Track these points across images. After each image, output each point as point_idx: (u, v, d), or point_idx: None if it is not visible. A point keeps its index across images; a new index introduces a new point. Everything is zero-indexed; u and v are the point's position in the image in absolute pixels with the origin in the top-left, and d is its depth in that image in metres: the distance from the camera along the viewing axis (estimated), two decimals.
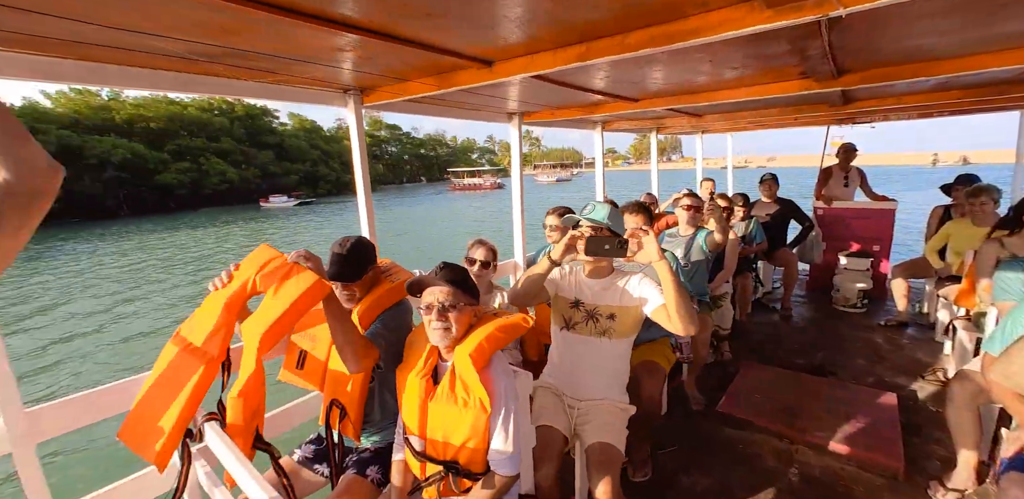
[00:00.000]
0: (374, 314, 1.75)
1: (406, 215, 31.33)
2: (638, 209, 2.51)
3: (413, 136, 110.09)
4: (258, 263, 1.41)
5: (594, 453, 1.66)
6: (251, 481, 1.14)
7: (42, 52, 1.41)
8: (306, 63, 1.69)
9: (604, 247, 1.63)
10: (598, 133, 4.44)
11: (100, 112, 46.44)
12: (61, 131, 39.48)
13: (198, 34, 1.32)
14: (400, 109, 2.61)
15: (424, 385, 1.44)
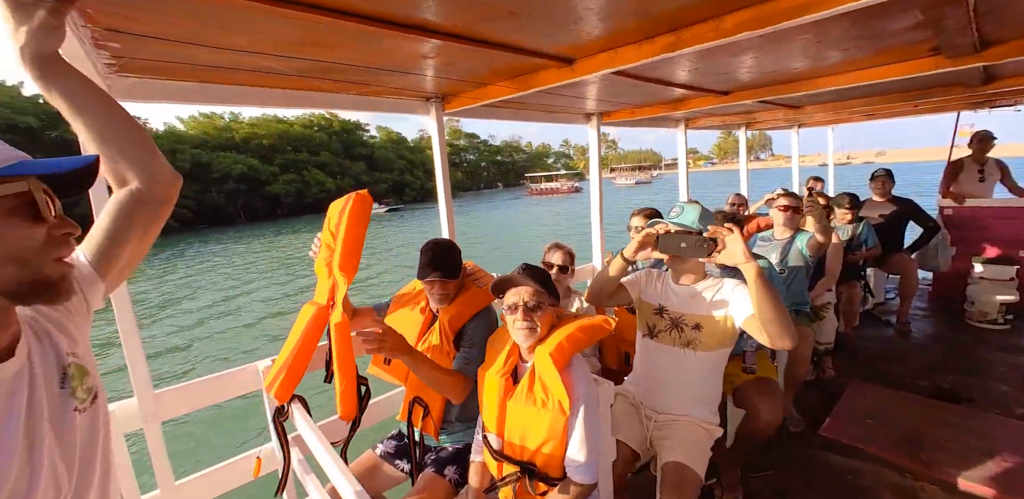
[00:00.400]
0: (462, 319, 1.78)
1: (484, 220, 32.13)
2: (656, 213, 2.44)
3: (490, 143, 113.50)
4: (330, 223, 1.66)
5: (669, 473, 1.56)
6: (335, 468, 1.20)
7: (168, 77, 1.60)
8: (393, 73, 1.77)
9: (680, 245, 1.53)
10: (681, 131, 4.22)
11: (223, 132, 54.49)
12: (193, 150, 46.68)
13: (300, 51, 1.42)
14: (479, 114, 2.65)
15: (503, 384, 1.43)
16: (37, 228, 0.63)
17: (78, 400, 0.75)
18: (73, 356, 0.76)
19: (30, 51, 0.73)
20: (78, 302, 0.81)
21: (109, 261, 0.84)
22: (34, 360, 0.70)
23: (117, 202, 0.84)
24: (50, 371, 0.72)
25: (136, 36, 1.19)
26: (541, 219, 30.00)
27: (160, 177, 0.86)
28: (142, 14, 1.08)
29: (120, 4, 1.02)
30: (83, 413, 0.75)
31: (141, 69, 1.47)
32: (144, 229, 0.88)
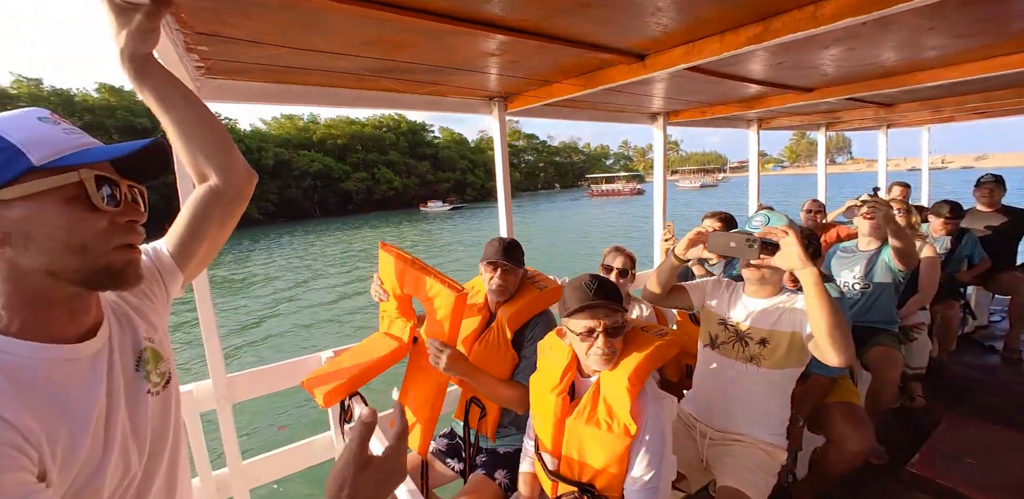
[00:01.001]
0: (521, 320, 1.76)
1: (544, 220, 32.28)
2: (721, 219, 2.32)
3: (549, 144, 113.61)
4: (392, 272, 1.64)
5: (725, 498, 1.45)
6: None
7: (249, 79, 1.68)
8: (459, 71, 1.76)
9: (730, 244, 1.42)
10: (752, 132, 3.97)
11: (302, 132, 59.16)
12: (277, 148, 51.01)
13: (372, 51, 1.45)
14: (540, 114, 2.61)
15: (560, 403, 1.36)
16: (98, 216, 0.64)
17: (151, 383, 0.78)
18: (149, 341, 0.80)
19: (128, 53, 0.77)
20: (159, 290, 0.85)
21: (188, 253, 0.88)
22: (114, 342, 0.74)
23: (197, 197, 0.88)
24: (127, 354, 0.76)
25: (224, 39, 1.25)
26: (602, 220, 29.56)
27: (236, 174, 0.89)
28: (230, 18, 1.13)
29: (211, 9, 1.07)
30: (155, 396, 0.79)
31: (226, 71, 1.55)
32: (220, 224, 0.91)
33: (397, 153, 65.35)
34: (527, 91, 2.23)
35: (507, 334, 1.74)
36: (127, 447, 0.71)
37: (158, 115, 0.83)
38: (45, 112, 0.68)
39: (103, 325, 0.73)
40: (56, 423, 0.62)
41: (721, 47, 1.40)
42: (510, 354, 1.72)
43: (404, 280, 1.61)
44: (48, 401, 0.63)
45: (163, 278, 0.87)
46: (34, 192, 0.60)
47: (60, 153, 0.61)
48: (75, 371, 0.67)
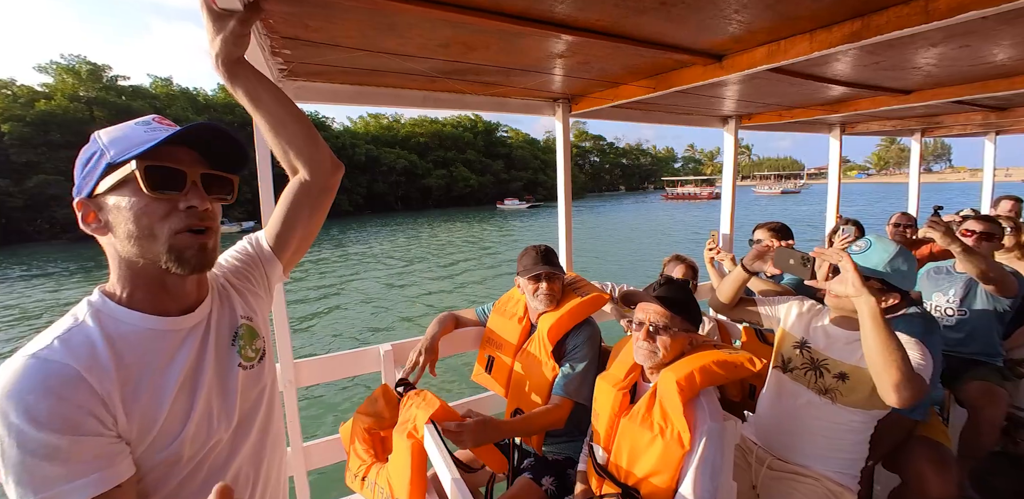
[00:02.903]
0: (562, 330, 1.73)
1: (613, 222, 32.06)
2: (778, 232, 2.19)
3: (616, 146, 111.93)
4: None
5: None
6: (438, 456, 1.23)
7: (326, 80, 1.76)
8: (526, 73, 1.75)
9: (789, 261, 1.43)
10: (834, 137, 3.68)
11: (387, 131, 63.96)
12: (367, 145, 55.17)
13: (442, 53, 1.47)
14: (604, 116, 2.56)
15: (620, 399, 1.35)
16: (158, 203, 0.69)
17: (243, 357, 0.85)
18: (247, 319, 0.88)
19: (222, 56, 0.83)
20: (259, 275, 0.95)
21: (282, 242, 0.97)
22: (213, 318, 0.82)
23: (289, 189, 0.95)
24: (224, 329, 0.83)
25: (306, 43, 1.31)
26: (674, 225, 28.82)
27: (323, 166, 0.94)
28: (314, 22, 1.18)
29: (297, 15, 1.13)
30: (247, 370, 0.85)
31: (307, 73, 1.64)
32: (310, 214, 0.97)
33: (474, 152, 68.61)
34: (593, 93, 2.18)
35: (548, 346, 1.72)
36: (211, 414, 0.77)
37: (250, 112, 0.89)
38: (151, 117, 0.75)
39: (205, 302, 0.81)
40: (139, 389, 0.68)
41: (811, 46, 1.29)
42: (551, 365, 1.70)
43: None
44: (138, 368, 0.69)
45: (263, 265, 0.96)
46: (111, 184, 0.68)
47: (130, 149, 0.68)
48: (170, 341, 0.74)
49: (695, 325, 1.36)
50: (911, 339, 1.32)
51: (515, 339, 1.83)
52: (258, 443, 0.88)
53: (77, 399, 0.61)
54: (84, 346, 0.65)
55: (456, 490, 1.15)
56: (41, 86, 36.47)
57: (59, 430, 0.59)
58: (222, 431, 0.78)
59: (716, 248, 2.46)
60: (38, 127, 31.96)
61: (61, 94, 35.10)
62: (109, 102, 36.31)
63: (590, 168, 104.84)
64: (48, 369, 0.61)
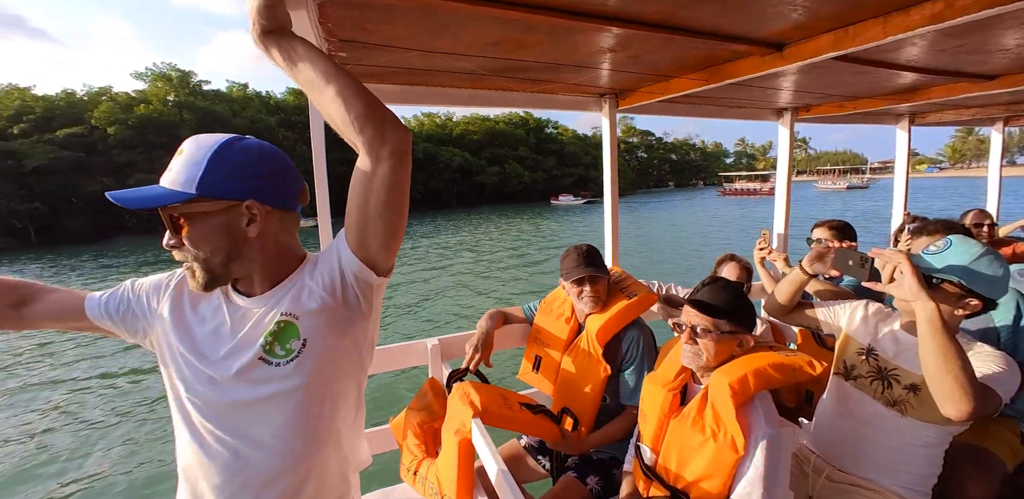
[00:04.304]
0: (610, 331, 1.71)
1: (662, 219, 31.40)
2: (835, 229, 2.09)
3: (665, 141, 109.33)
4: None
5: None
6: (485, 448, 1.25)
7: (379, 81, 1.81)
8: (574, 68, 1.74)
9: (848, 262, 1.35)
10: (902, 129, 3.44)
11: (442, 129, 66.03)
12: (424, 143, 57.74)
13: (491, 51, 1.48)
14: (652, 111, 2.50)
15: (670, 400, 1.32)
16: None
17: (267, 352, 0.86)
18: (289, 316, 0.87)
19: (256, 29, 0.80)
20: (330, 275, 0.88)
21: (357, 236, 0.86)
22: (268, 306, 0.89)
23: (353, 173, 0.84)
24: (264, 319, 0.88)
25: (362, 44, 1.35)
26: (733, 223, 27.35)
27: (376, 137, 0.79)
28: (370, 25, 1.21)
29: (355, 18, 1.16)
30: (271, 366, 0.86)
31: (361, 75, 1.69)
32: (378, 198, 0.83)
33: (526, 149, 69.68)
34: (642, 87, 2.14)
35: (597, 347, 1.70)
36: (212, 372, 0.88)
37: (297, 82, 0.83)
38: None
39: (271, 291, 0.90)
40: (175, 326, 0.90)
41: (884, 31, 1.21)
42: (601, 366, 1.68)
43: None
44: (189, 314, 0.92)
45: (338, 261, 0.88)
46: None
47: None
48: (230, 309, 0.91)
49: (746, 327, 1.31)
50: (995, 350, 1.22)
51: (563, 339, 1.82)
52: (285, 440, 0.88)
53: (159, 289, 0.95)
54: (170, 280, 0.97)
55: (503, 482, 1.17)
56: (135, 92, 40.99)
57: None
58: (207, 389, 0.88)
59: (767, 248, 2.36)
60: (137, 130, 36.19)
61: (156, 99, 39.49)
62: (195, 106, 40.15)
63: (638, 164, 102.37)
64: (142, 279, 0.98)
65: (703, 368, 1.29)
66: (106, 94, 39.77)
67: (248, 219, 0.84)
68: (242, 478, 0.88)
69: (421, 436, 1.66)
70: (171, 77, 42.46)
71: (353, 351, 0.93)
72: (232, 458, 0.87)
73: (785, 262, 2.18)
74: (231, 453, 0.87)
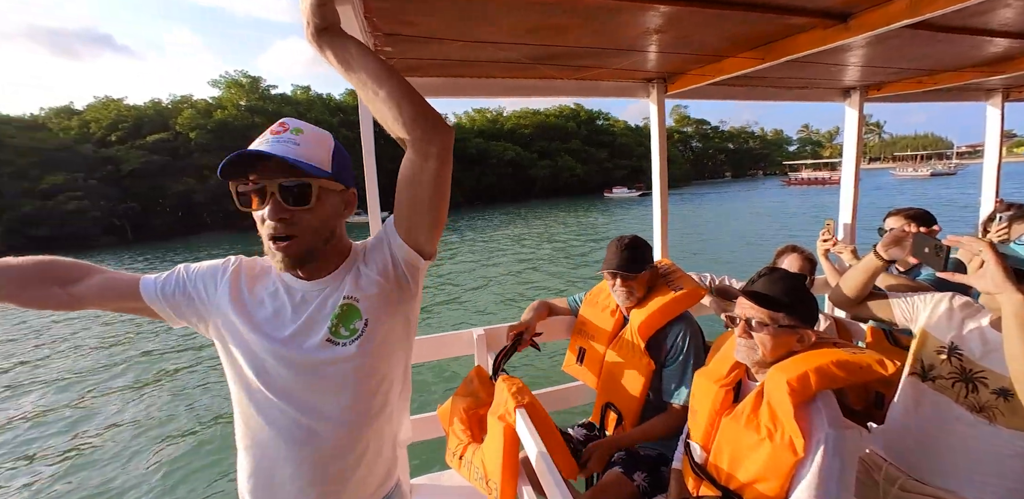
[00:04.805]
0: (654, 325, 1.66)
1: (718, 211, 30.11)
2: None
3: (721, 130, 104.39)
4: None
5: None
6: (530, 439, 1.25)
7: (422, 75, 1.84)
8: (618, 52, 1.69)
9: (924, 249, 1.27)
10: (993, 106, 3.09)
11: (493, 124, 66.88)
12: (476, 139, 58.53)
13: (531, 37, 1.46)
14: (703, 95, 2.38)
15: (722, 396, 1.26)
16: (256, 214, 0.89)
17: (332, 333, 0.93)
18: (351, 299, 0.95)
19: (309, 28, 0.84)
20: (383, 260, 0.98)
21: (404, 223, 0.95)
22: (329, 289, 0.95)
23: (401, 165, 0.90)
24: (327, 301, 0.94)
25: (405, 38, 1.38)
26: (799, 214, 25.38)
27: (422, 134, 0.86)
28: (411, 17, 1.24)
29: (397, 10, 1.19)
30: (336, 345, 0.93)
31: (405, 69, 1.73)
32: (424, 188, 0.90)
33: (578, 141, 68.98)
34: (691, 70, 2.04)
35: (640, 341, 1.65)
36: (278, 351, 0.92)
37: (348, 81, 0.87)
38: (279, 122, 0.89)
39: (331, 276, 0.96)
40: (237, 310, 0.94)
41: None
42: (645, 360, 1.64)
43: None
44: (248, 298, 0.95)
45: (389, 247, 0.97)
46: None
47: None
48: (289, 293, 0.96)
49: (807, 321, 1.22)
50: None
51: (607, 331, 1.79)
52: (342, 411, 0.95)
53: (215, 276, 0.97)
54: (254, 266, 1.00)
55: (548, 473, 1.16)
56: (211, 99, 45.80)
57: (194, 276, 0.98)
58: (276, 368, 0.93)
59: (832, 239, 2.20)
60: (215, 134, 39.96)
61: (231, 104, 43.80)
62: (265, 109, 43.85)
63: (692, 154, 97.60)
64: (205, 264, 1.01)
65: (758, 364, 1.22)
66: (187, 102, 44.44)
67: (346, 205, 0.96)
68: (310, 452, 0.94)
69: (467, 422, 1.69)
70: (243, 83, 46.74)
71: (403, 328, 1.02)
72: (301, 433, 0.93)
73: (852, 254, 2.02)
74: (300, 429, 0.93)
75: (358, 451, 0.99)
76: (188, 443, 5.22)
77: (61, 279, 0.93)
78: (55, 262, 0.94)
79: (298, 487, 0.95)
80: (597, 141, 71.97)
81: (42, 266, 0.92)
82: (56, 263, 0.94)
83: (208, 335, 0.98)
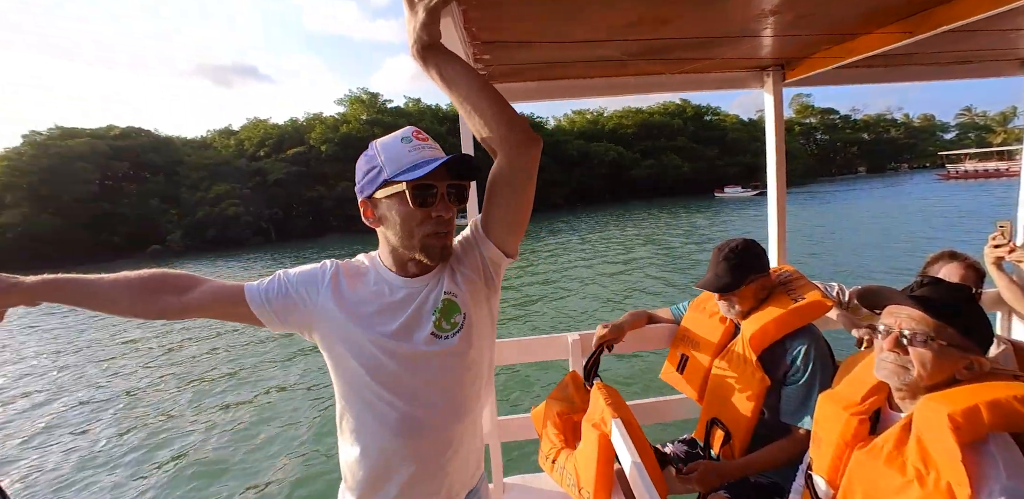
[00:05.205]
0: (768, 338, 1.50)
1: (849, 213, 26.88)
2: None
3: (854, 119, 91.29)
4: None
5: None
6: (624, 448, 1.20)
7: (516, 80, 1.86)
8: (728, 40, 1.56)
9: None
10: None
11: (593, 125, 67.45)
12: (576, 141, 59.69)
13: (630, 33, 1.40)
14: (830, 80, 2.08)
15: (855, 425, 1.10)
16: (418, 213, 0.94)
17: (436, 327, 1.00)
18: (450, 295, 1.02)
19: (416, 44, 0.89)
20: (474, 258, 1.07)
21: (491, 225, 1.04)
22: (428, 286, 1.03)
23: (491, 172, 0.99)
24: (431, 298, 1.02)
25: (502, 44, 1.41)
26: (962, 217, 21.07)
27: (516, 146, 0.94)
28: (506, 23, 1.26)
29: (494, 18, 1.21)
30: (439, 338, 1.00)
31: (502, 75, 1.76)
32: (511, 194, 0.98)
33: (685, 138, 66.89)
34: (815, 53, 1.81)
35: (752, 354, 1.50)
36: (386, 345, 0.99)
37: (447, 96, 0.95)
38: (410, 131, 0.97)
39: (430, 273, 1.04)
40: (342, 310, 0.99)
41: None
42: (759, 376, 1.48)
43: None
44: (351, 298, 1.00)
45: (478, 247, 1.06)
46: (386, 195, 0.95)
47: (399, 169, 0.93)
48: (391, 290, 1.02)
49: (980, 344, 1.01)
50: None
51: (714, 341, 1.66)
52: (447, 401, 1.02)
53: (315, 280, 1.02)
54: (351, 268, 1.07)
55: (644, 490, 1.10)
56: (337, 115, 53.47)
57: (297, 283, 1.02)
58: (405, 373, 0.99)
59: (1007, 244, 1.81)
60: (341, 145, 46.43)
61: (354, 119, 50.55)
62: (383, 121, 49.47)
63: (816, 148, 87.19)
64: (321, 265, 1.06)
65: (909, 387, 1.03)
66: (318, 118, 52.08)
67: None
68: (418, 443, 1.01)
69: (560, 426, 1.67)
70: (364, 99, 53.35)
71: (489, 321, 1.11)
72: (411, 425, 1.01)
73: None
74: (409, 421, 1.01)
75: (459, 441, 1.05)
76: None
77: (175, 288, 0.98)
78: (167, 274, 1.00)
79: (407, 478, 1.02)
80: (706, 138, 68.07)
81: (157, 278, 0.98)
82: (168, 274, 1.00)
83: (311, 338, 1.03)
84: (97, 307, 0.96)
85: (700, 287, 1.61)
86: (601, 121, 68.12)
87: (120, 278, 0.97)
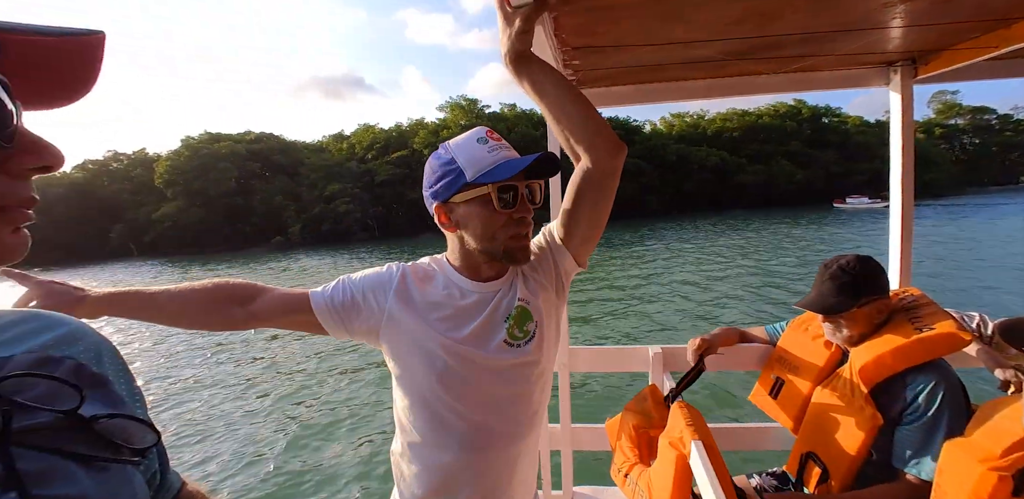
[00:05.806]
0: (884, 371, 1.33)
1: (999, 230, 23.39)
2: None
3: (1015, 119, 77.02)
4: None
5: None
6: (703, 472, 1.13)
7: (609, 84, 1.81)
8: (845, 34, 1.41)
9: None
10: None
11: (694, 128, 64.55)
12: (676, 145, 57.82)
13: (733, 31, 1.32)
14: (973, 75, 1.76)
15: (993, 483, 0.96)
16: (500, 215, 0.92)
17: (509, 335, 0.98)
18: (524, 302, 1.00)
19: (510, 53, 0.92)
20: (547, 266, 1.06)
21: (569, 232, 1.03)
22: (500, 293, 1.00)
23: (572, 177, 1.00)
24: (504, 304, 1.00)
25: (593, 49, 1.40)
26: None
27: (602, 151, 0.94)
28: (601, 27, 1.25)
29: (586, 23, 1.21)
30: (512, 347, 0.98)
31: (593, 80, 1.75)
32: (593, 200, 0.98)
33: (798, 143, 61.68)
34: (955, 44, 1.56)
35: (862, 387, 1.33)
36: (458, 351, 0.95)
37: (535, 103, 0.97)
38: (483, 131, 0.97)
39: (502, 279, 1.02)
40: (412, 314, 0.96)
41: None
42: (869, 411, 1.31)
43: None
44: (420, 301, 0.97)
45: (552, 254, 1.05)
46: (467, 199, 0.93)
47: (480, 172, 0.90)
48: (462, 294, 0.99)
49: None
50: None
51: (817, 365, 1.51)
52: (518, 412, 0.99)
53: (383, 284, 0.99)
54: (418, 271, 1.04)
55: None
56: (438, 120, 56.44)
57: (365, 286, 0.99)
58: (473, 376, 0.96)
59: None
60: None
61: (454, 124, 54.14)
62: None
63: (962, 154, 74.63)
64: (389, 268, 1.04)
65: None
66: (420, 124, 56.59)
67: None
68: (486, 454, 0.98)
69: (635, 439, 1.62)
70: (463, 106, 56.95)
71: (557, 331, 1.08)
72: (480, 436, 0.98)
73: None
74: (484, 432, 0.98)
75: (524, 454, 1.03)
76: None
77: (240, 298, 0.95)
78: (231, 283, 0.97)
79: (469, 494, 0.99)
80: (823, 141, 61.43)
81: (221, 288, 0.95)
82: (232, 284, 0.97)
83: (377, 344, 0.99)
84: (163, 320, 0.94)
85: (800, 307, 1.46)
86: (702, 124, 64.85)
87: (184, 289, 0.93)
